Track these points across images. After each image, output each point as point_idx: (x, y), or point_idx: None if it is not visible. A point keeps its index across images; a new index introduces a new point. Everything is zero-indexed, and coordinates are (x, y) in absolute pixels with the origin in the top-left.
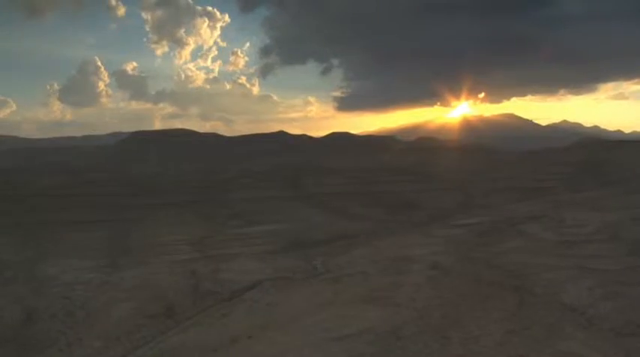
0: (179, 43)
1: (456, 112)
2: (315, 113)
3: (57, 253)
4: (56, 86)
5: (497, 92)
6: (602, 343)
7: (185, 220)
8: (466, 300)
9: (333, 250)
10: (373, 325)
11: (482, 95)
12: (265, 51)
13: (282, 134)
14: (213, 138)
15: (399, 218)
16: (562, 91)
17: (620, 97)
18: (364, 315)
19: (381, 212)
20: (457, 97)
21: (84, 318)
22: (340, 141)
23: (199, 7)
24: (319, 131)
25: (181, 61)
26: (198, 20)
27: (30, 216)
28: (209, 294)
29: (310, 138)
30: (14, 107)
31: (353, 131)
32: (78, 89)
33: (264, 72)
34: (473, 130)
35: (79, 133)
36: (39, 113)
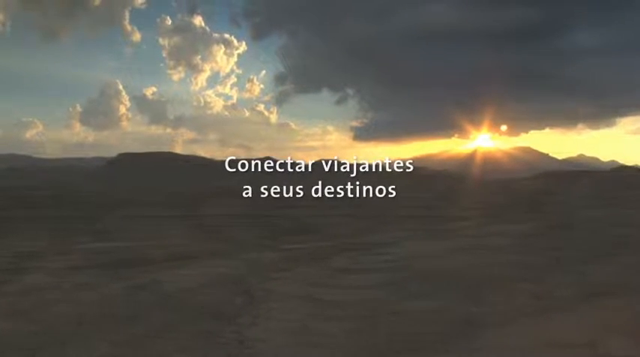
0: (195, 70)
1: (473, 144)
2: (334, 142)
3: None
4: (78, 108)
5: (516, 125)
6: None
7: (40, 234)
8: (103, 321)
9: (154, 270)
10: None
11: (504, 128)
12: (280, 79)
13: (266, 159)
14: (194, 161)
15: (280, 245)
16: (580, 125)
17: None
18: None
19: (267, 236)
20: (475, 129)
21: None
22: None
23: (216, 34)
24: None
25: (197, 88)
26: (215, 47)
27: None
28: None
29: (293, 164)
30: (40, 128)
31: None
32: (99, 112)
33: (280, 100)
34: (486, 162)
35: (92, 155)
36: (62, 134)
